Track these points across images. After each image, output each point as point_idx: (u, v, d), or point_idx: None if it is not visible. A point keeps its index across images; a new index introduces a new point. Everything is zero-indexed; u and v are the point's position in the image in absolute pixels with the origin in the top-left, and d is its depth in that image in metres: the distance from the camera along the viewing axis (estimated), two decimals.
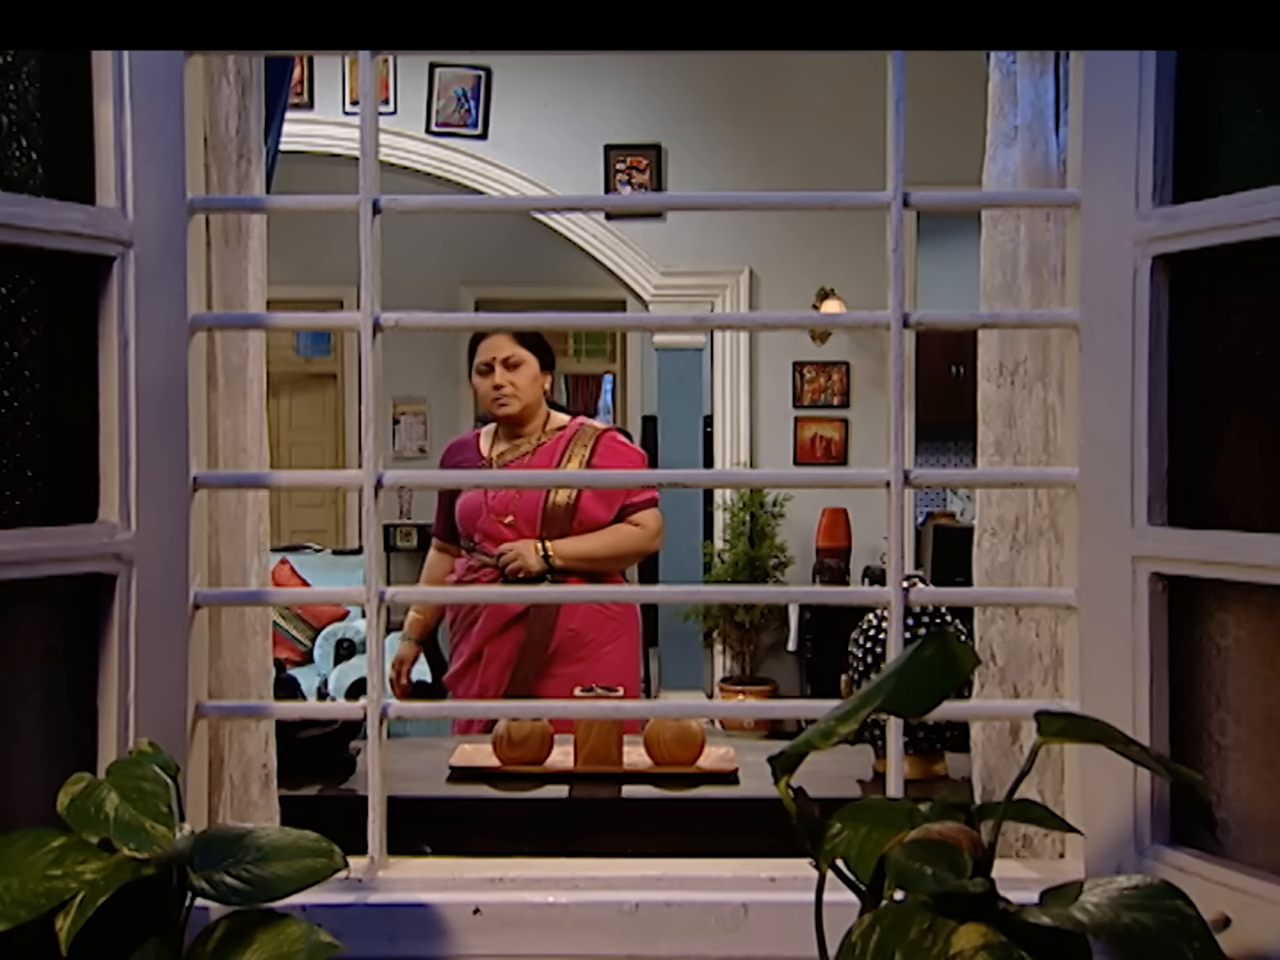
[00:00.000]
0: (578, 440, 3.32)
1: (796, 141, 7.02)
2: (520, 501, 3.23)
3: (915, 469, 1.39)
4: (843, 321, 1.44)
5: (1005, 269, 1.53)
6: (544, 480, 3.07)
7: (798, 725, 4.69)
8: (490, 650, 3.21)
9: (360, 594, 1.41)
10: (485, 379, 3.27)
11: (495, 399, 3.26)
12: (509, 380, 3.24)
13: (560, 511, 3.22)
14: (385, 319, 1.40)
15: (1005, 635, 1.55)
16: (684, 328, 1.34)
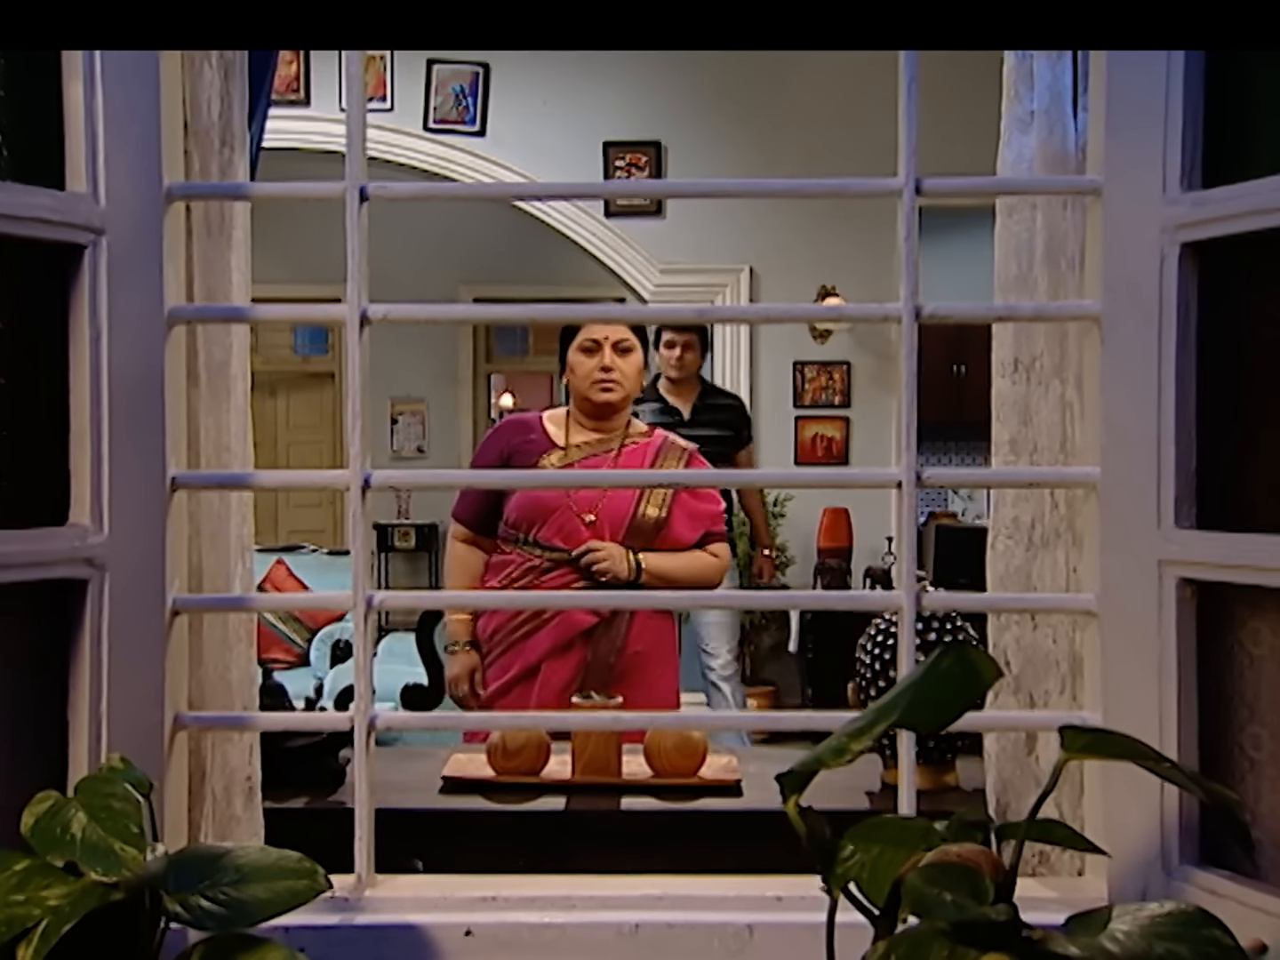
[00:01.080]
0: (669, 454, 3.10)
1: (798, 139, 6.95)
2: (606, 502, 2.96)
3: (927, 469, 1.33)
4: (852, 314, 1.37)
5: (1021, 260, 1.47)
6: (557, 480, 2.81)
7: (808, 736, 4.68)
8: (550, 669, 2.87)
9: (347, 599, 1.35)
10: (590, 358, 2.97)
11: (600, 381, 2.96)
12: (619, 365, 2.97)
13: (649, 524, 2.98)
14: (373, 312, 1.34)
15: (1020, 642, 1.49)
16: (686, 320, 1.28)
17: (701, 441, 4.99)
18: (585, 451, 3.01)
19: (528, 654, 2.90)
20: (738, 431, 5.67)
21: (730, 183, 1.06)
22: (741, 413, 5.77)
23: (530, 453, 2.98)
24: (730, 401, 5.79)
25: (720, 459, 5.20)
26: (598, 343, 2.96)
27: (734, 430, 5.63)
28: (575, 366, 2.99)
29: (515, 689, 2.86)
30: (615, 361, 2.96)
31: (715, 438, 5.21)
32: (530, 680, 2.87)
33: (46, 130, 1.16)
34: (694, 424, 5.34)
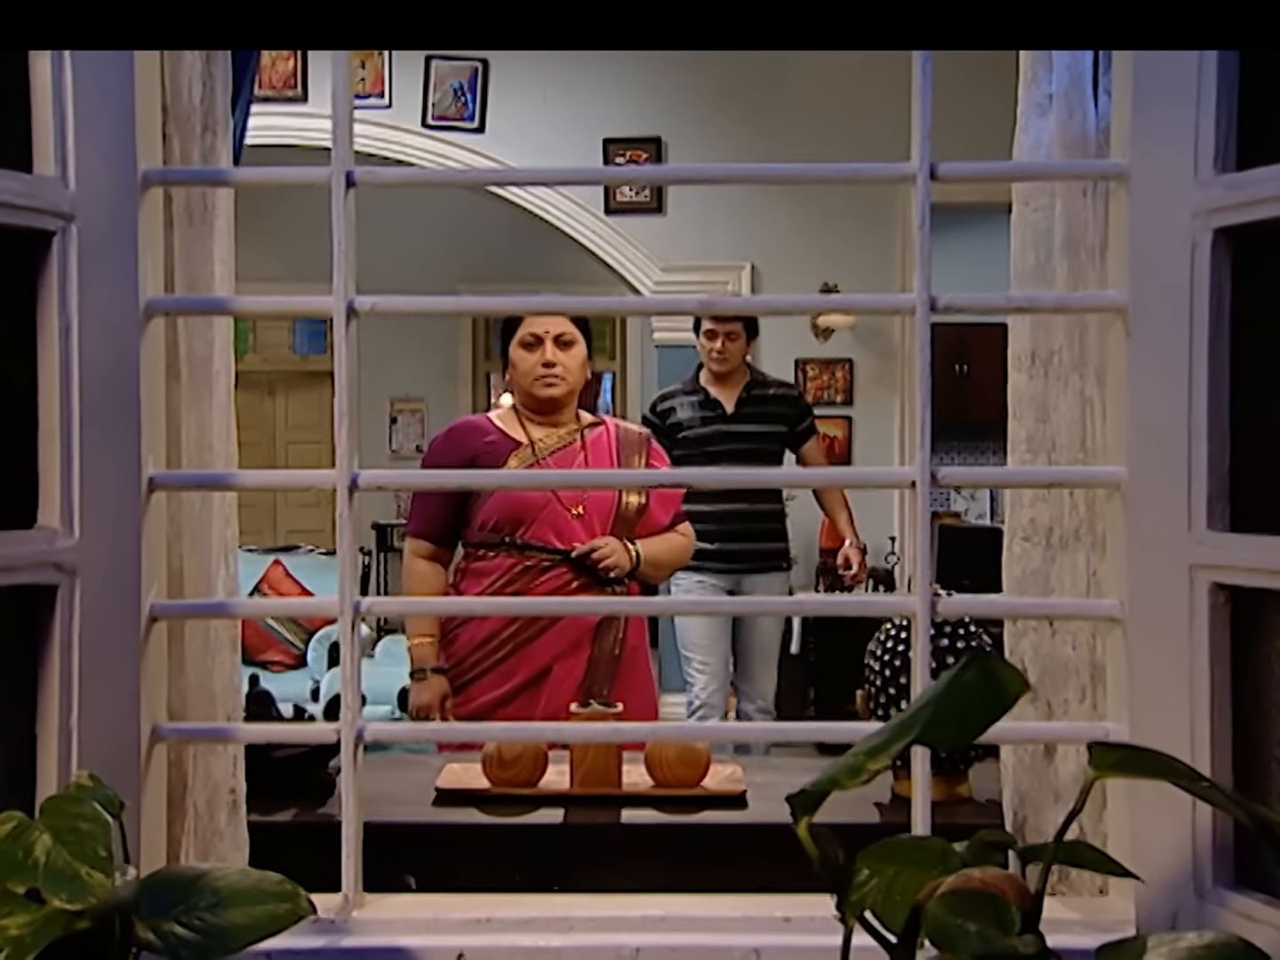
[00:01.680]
0: (628, 444, 3.07)
1: (799, 136, 6.88)
2: (590, 494, 2.94)
3: (942, 469, 1.27)
4: (864, 305, 1.31)
5: (1038, 249, 1.41)
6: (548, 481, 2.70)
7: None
8: (562, 669, 2.85)
9: (333, 605, 1.29)
10: (531, 353, 2.91)
11: (542, 377, 2.91)
12: (561, 359, 2.91)
13: (632, 512, 2.99)
14: (360, 303, 1.27)
15: (1038, 649, 1.42)
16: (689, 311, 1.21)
17: (745, 439, 4.83)
18: (550, 446, 2.95)
19: (536, 657, 2.83)
20: (791, 426, 4.98)
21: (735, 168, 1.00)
22: (796, 404, 5.04)
23: (496, 454, 2.91)
24: (781, 392, 5.04)
25: (768, 458, 4.85)
26: (539, 337, 2.89)
27: (786, 425, 4.96)
28: (517, 362, 2.94)
29: (521, 696, 2.80)
30: (557, 356, 2.90)
31: (762, 434, 4.88)
32: (538, 685, 2.82)
33: (12, 109, 1.10)
34: (737, 419, 4.89)
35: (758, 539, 4.94)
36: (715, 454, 4.76)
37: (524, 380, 2.93)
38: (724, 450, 4.76)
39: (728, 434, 4.82)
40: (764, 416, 4.91)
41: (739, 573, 4.91)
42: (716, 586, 4.89)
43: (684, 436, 4.80)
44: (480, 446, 2.91)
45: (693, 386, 4.93)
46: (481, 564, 2.90)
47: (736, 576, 4.91)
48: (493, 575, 2.87)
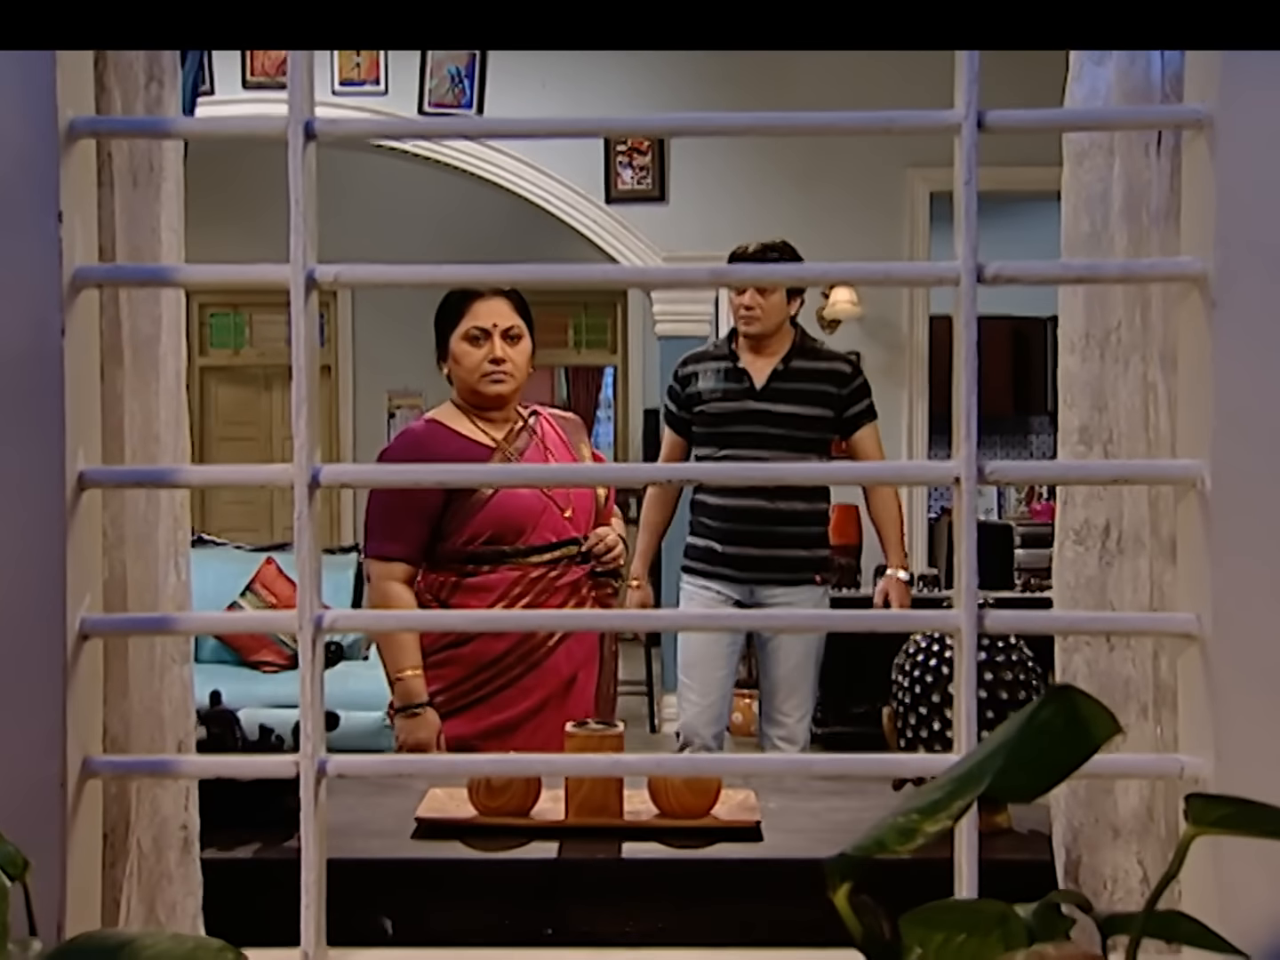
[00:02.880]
0: (572, 430, 2.97)
1: None
2: (574, 491, 2.80)
3: (990, 463, 1.10)
4: (902, 275, 1.14)
5: (1094, 215, 1.24)
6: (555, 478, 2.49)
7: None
8: (584, 677, 2.77)
9: (290, 620, 1.12)
10: (478, 348, 2.75)
11: (489, 374, 2.74)
12: (509, 355, 2.75)
13: (602, 504, 2.91)
14: (322, 273, 1.11)
15: (1093, 666, 1.26)
16: (698, 282, 1.04)
17: (775, 420, 3.83)
18: (519, 446, 2.81)
19: (559, 668, 2.71)
20: (838, 409, 3.95)
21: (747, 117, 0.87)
22: (847, 382, 3.97)
23: (473, 461, 2.70)
24: (830, 366, 3.98)
25: (805, 446, 3.87)
26: (486, 331, 2.75)
27: (831, 408, 3.94)
28: (461, 357, 2.76)
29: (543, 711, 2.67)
30: (506, 351, 2.75)
31: (797, 417, 3.89)
32: (564, 696, 2.71)
33: None
34: (767, 395, 3.91)
35: (780, 544, 3.94)
36: (737, 436, 3.89)
37: (470, 376, 2.76)
38: (747, 433, 3.88)
39: (753, 413, 3.90)
40: (802, 395, 3.93)
41: (753, 583, 3.97)
42: (724, 597, 3.98)
43: (702, 411, 3.97)
44: (453, 455, 2.69)
45: (724, 350, 4.02)
46: (478, 580, 2.70)
47: (750, 587, 3.97)
48: (497, 590, 2.69)
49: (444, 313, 2.83)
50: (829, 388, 3.95)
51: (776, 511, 3.92)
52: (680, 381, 4.05)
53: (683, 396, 4.03)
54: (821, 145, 6.74)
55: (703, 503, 4.00)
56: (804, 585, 3.98)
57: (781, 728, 3.99)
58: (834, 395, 3.95)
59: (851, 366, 4.06)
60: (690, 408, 4.00)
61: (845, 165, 6.80)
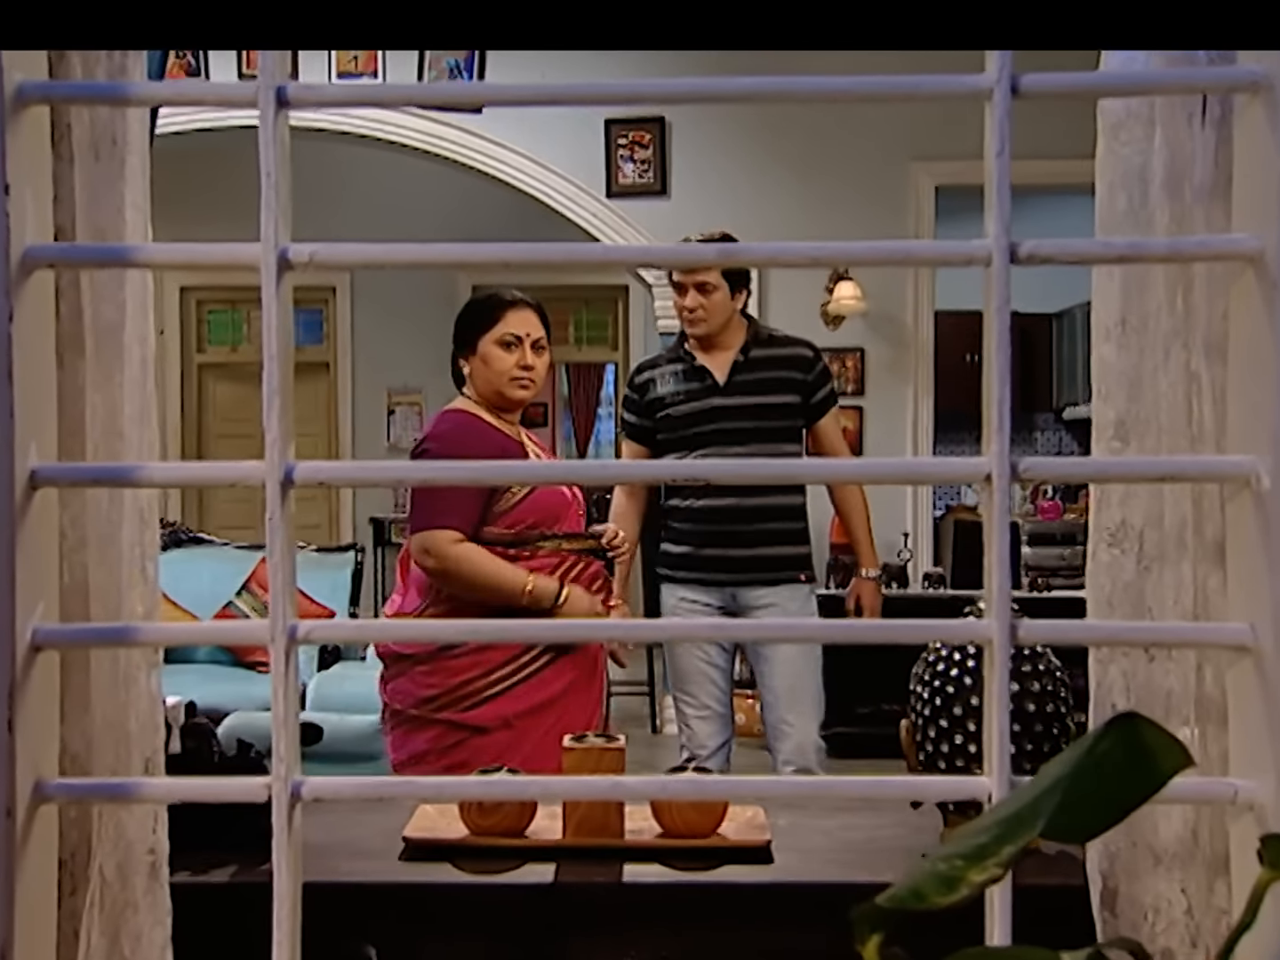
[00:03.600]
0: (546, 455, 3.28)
1: (808, 115, 6.64)
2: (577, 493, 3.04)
3: (1025, 459, 1.01)
4: (925, 254, 1.05)
5: (1130, 191, 1.15)
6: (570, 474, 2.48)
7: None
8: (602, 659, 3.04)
9: (262, 631, 1.03)
10: (510, 353, 2.91)
11: (518, 379, 2.91)
12: (536, 364, 2.94)
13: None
14: (296, 252, 1.02)
15: (1131, 679, 1.17)
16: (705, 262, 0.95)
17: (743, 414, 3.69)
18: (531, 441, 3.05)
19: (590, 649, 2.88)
20: (805, 395, 3.82)
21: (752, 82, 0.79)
22: (810, 366, 3.85)
23: (516, 455, 2.90)
24: (790, 351, 3.87)
25: (778, 438, 3.74)
26: (519, 338, 2.90)
27: (799, 393, 3.81)
28: (493, 360, 2.90)
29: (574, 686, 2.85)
30: (534, 360, 2.92)
31: (764, 407, 3.75)
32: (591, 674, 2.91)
33: None
34: (731, 390, 3.78)
35: (758, 542, 3.77)
36: (705, 435, 3.74)
37: (498, 379, 2.90)
38: (716, 430, 3.75)
39: (720, 410, 3.76)
40: (767, 385, 3.79)
41: (735, 585, 3.78)
42: (704, 605, 3.77)
43: (665, 415, 3.82)
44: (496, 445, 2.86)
45: (676, 353, 3.90)
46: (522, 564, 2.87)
47: (731, 591, 3.79)
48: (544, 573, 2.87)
49: (475, 314, 2.97)
50: (793, 373, 3.84)
51: (752, 509, 3.75)
52: (637, 390, 3.93)
53: (642, 404, 3.90)
54: (824, 139, 6.66)
55: (674, 507, 3.84)
56: (787, 584, 3.80)
57: (788, 739, 3.78)
58: (799, 381, 3.84)
59: (813, 350, 3.94)
60: (652, 414, 3.87)
61: (848, 160, 6.71)
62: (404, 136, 6.73)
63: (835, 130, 6.64)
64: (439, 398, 10.47)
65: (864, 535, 4.00)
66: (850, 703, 5.96)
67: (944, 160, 6.58)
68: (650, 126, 6.71)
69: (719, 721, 3.85)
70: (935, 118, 6.50)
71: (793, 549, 3.85)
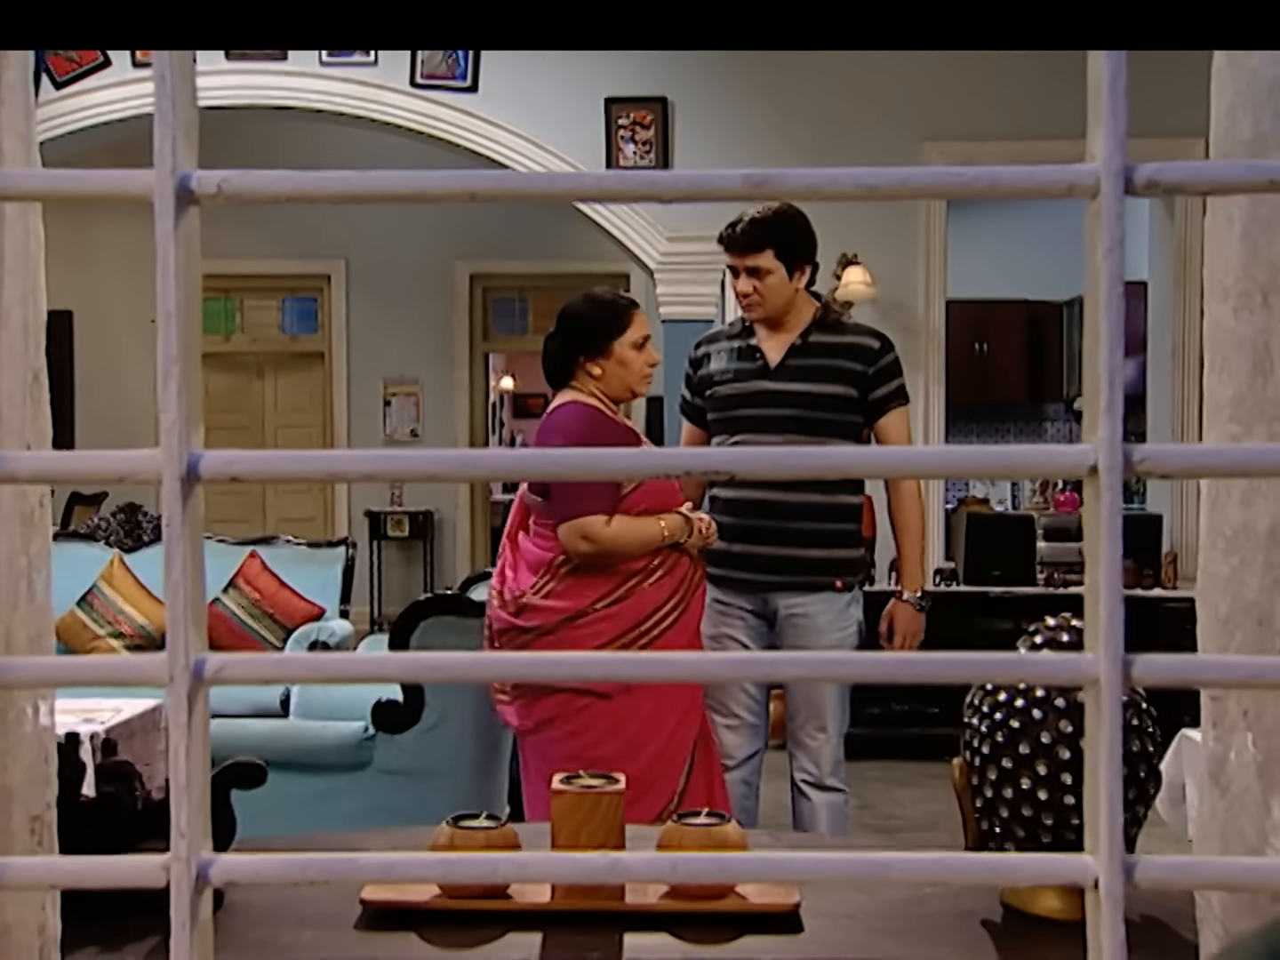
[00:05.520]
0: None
1: (814, 95, 6.42)
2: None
3: (1142, 447, 0.78)
4: (1015, 182, 0.82)
5: (1258, 113, 0.93)
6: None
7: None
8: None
9: (159, 667, 0.80)
10: (641, 354, 3.15)
11: (648, 376, 3.18)
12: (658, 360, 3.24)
13: None
14: (201, 181, 0.79)
15: (1257, 722, 0.94)
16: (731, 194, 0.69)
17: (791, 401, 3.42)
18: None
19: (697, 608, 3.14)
20: (863, 389, 3.42)
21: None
22: (874, 358, 3.45)
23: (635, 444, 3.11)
24: (855, 340, 3.48)
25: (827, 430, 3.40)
26: (647, 338, 3.15)
27: (855, 386, 3.42)
28: (629, 361, 3.10)
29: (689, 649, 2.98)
30: (657, 356, 3.20)
31: (815, 396, 3.41)
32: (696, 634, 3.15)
33: None
34: (782, 374, 3.44)
35: (791, 542, 3.43)
36: (751, 420, 3.44)
37: (632, 379, 3.13)
38: (761, 416, 3.43)
39: (768, 394, 3.44)
40: (819, 372, 3.42)
41: (766, 589, 3.46)
42: (737, 609, 3.50)
43: (712, 394, 3.53)
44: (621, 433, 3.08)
45: (739, 329, 3.58)
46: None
47: (762, 596, 3.47)
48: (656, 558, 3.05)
49: (605, 318, 3.13)
50: (852, 364, 3.44)
51: (789, 505, 3.41)
52: (694, 365, 3.65)
53: (695, 380, 3.63)
54: (833, 121, 6.44)
55: (715, 498, 3.54)
56: (822, 591, 3.44)
57: (805, 751, 3.48)
58: (857, 373, 3.43)
59: (880, 341, 3.51)
60: (703, 392, 3.58)
61: (857, 141, 6.48)
62: (395, 116, 6.50)
63: (844, 111, 6.42)
64: (436, 388, 10.30)
65: (912, 554, 3.58)
66: (860, 703, 5.72)
67: (957, 140, 6.35)
68: (652, 106, 6.48)
69: (749, 732, 3.53)
70: (948, 97, 6.28)
71: (832, 552, 3.47)
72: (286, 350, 10.75)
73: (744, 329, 3.57)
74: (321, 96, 6.48)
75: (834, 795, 3.46)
